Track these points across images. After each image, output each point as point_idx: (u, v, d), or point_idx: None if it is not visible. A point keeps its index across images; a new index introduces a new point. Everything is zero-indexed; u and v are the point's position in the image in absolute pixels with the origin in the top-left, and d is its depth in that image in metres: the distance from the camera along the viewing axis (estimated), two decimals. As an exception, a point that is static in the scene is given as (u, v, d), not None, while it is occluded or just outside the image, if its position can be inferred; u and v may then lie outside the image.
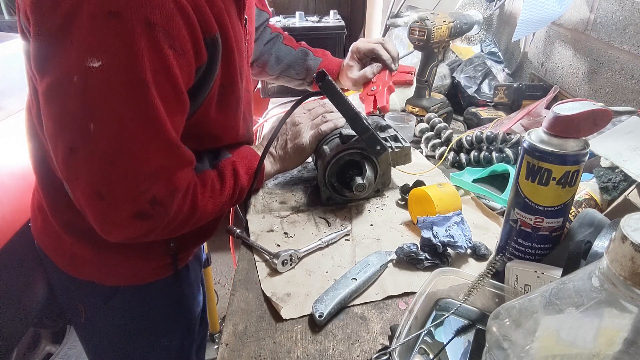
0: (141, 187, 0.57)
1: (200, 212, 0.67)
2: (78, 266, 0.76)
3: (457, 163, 1.01)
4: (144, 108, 0.53)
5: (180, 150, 0.61)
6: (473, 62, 1.38)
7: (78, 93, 0.52)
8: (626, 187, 0.70)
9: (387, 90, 0.99)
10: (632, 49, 0.94)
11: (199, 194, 0.66)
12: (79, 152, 0.54)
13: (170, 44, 0.53)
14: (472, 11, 1.30)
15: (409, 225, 0.81)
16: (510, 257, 0.63)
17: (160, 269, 0.80)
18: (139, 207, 0.57)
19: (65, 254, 0.76)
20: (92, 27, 0.49)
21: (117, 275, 0.78)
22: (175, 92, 0.56)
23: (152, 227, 0.60)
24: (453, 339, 0.58)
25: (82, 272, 0.77)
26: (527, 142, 0.56)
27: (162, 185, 0.59)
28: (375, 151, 0.81)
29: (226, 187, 0.71)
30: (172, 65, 0.54)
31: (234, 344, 0.58)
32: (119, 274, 0.78)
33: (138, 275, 0.79)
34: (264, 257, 0.73)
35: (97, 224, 0.58)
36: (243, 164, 0.76)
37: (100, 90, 0.52)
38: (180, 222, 0.65)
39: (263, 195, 0.91)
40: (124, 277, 0.78)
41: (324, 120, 0.86)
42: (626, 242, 0.29)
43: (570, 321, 0.32)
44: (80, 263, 0.76)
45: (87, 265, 0.76)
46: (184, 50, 0.55)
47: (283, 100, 1.43)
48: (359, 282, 0.64)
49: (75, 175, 0.56)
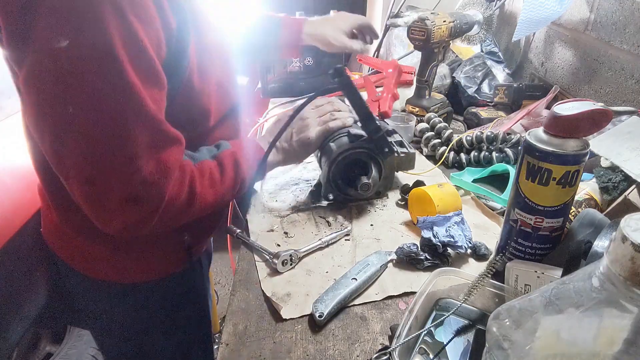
0: (130, 167, 0.56)
1: (200, 201, 0.66)
2: (93, 266, 0.76)
3: (457, 163, 1.01)
4: (119, 83, 0.52)
5: (164, 126, 0.59)
6: (473, 62, 1.38)
7: (51, 77, 0.51)
8: (626, 187, 0.70)
9: (392, 97, 1.01)
10: (632, 49, 0.94)
11: (197, 182, 0.65)
12: (63, 140, 0.53)
13: (135, 13, 0.52)
14: (472, 11, 1.30)
15: (409, 225, 0.81)
16: (510, 257, 0.63)
17: (175, 263, 0.80)
18: (131, 190, 0.56)
19: (79, 255, 0.76)
20: (53, 6, 0.48)
21: (134, 271, 0.77)
22: (149, 64, 0.55)
23: (148, 211, 0.59)
24: (453, 339, 0.58)
25: (98, 271, 0.77)
26: (527, 142, 0.56)
27: (152, 165, 0.57)
28: (383, 153, 0.81)
29: (226, 177, 0.70)
30: (141, 35, 0.53)
31: (234, 344, 0.58)
32: (135, 270, 0.77)
33: (154, 270, 0.79)
34: (264, 257, 0.73)
35: (92, 213, 0.58)
36: (244, 155, 0.75)
37: (72, 70, 0.50)
38: (179, 210, 0.64)
39: (263, 195, 0.91)
40: (140, 273, 0.78)
41: (332, 118, 0.86)
42: (626, 242, 0.29)
43: (571, 321, 0.32)
44: (95, 263, 0.76)
45: (103, 264, 0.76)
46: (150, 19, 0.54)
47: (283, 100, 1.43)
48: (359, 282, 0.64)
49: (65, 166, 0.55)
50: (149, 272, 0.78)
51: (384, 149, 0.80)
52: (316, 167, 1.01)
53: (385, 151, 0.81)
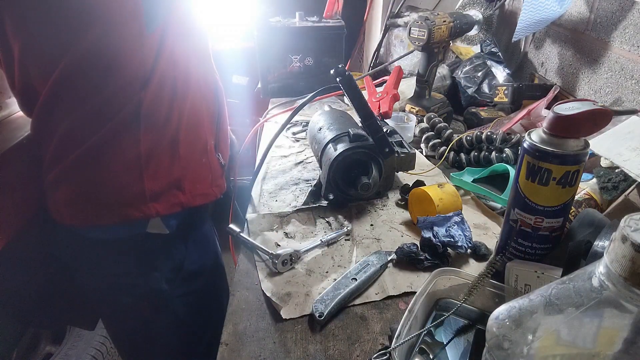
0: None
1: None
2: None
3: (457, 163, 1.01)
4: None
5: None
6: (473, 62, 1.38)
7: None
8: (626, 187, 0.70)
9: (392, 98, 1.01)
10: (632, 49, 0.94)
11: None
12: None
13: None
14: (472, 11, 1.30)
15: (409, 225, 0.81)
16: (510, 257, 0.62)
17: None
18: None
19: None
20: None
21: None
22: None
23: None
24: (453, 339, 0.58)
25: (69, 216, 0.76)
26: (527, 142, 0.56)
27: None
28: (383, 152, 0.81)
29: None
30: None
31: (234, 344, 0.58)
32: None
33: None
34: (264, 257, 0.73)
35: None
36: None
37: None
38: None
39: (263, 195, 0.91)
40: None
41: None
42: (626, 243, 0.29)
43: (570, 321, 0.32)
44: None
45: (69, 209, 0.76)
46: None
47: (283, 100, 1.43)
48: (359, 282, 0.64)
49: None
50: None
51: (384, 148, 0.80)
52: (316, 167, 1.01)
53: (386, 151, 0.81)
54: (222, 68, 0.90)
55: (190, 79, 0.76)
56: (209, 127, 0.84)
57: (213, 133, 0.85)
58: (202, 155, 0.82)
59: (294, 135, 1.20)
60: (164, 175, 0.75)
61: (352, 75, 0.80)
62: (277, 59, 1.46)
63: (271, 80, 1.49)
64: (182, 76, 0.74)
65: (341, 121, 0.93)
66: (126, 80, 0.68)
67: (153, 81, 0.70)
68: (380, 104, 1.04)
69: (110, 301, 0.86)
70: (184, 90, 0.74)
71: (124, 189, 0.73)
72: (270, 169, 1.03)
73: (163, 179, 0.75)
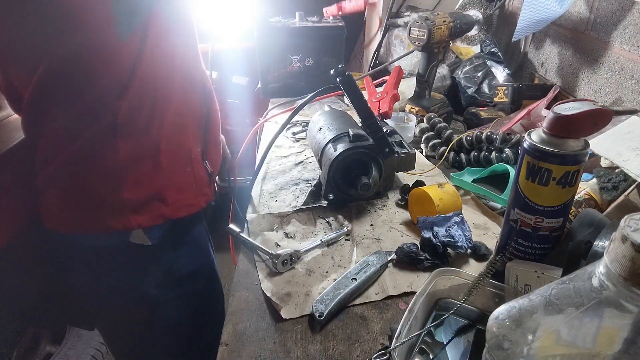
0: None
1: None
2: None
3: (457, 163, 1.01)
4: None
5: None
6: (473, 62, 1.38)
7: None
8: (626, 187, 0.70)
9: (392, 98, 1.01)
10: (632, 49, 0.94)
11: None
12: None
13: None
14: (472, 11, 1.30)
15: (409, 225, 0.81)
16: (510, 257, 0.62)
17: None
18: None
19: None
20: None
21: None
22: None
23: None
24: (453, 339, 0.58)
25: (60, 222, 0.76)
26: (527, 142, 0.56)
27: None
28: (383, 153, 0.81)
29: None
30: None
31: (234, 344, 0.58)
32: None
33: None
34: (264, 257, 0.73)
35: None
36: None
37: None
38: None
39: (263, 195, 0.91)
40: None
41: None
42: (626, 243, 0.29)
43: (570, 321, 0.32)
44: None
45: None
46: None
47: (283, 100, 1.43)
48: (359, 282, 0.64)
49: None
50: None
51: (384, 148, 0.80)
52: (316, 167, 1.01)
53: (386, 151, 0.81)
54: (222, 68, 0.90)
55: (174, 85, 0.73)
56: (194, 134, 0.80)
57: (199, 139, 0.82)
58: (187, 165, 0.79)
59: (294, 136, 1.20)
60: (144, 186, 0.73)
61: (352, 75, 0.80)
62: (277, 59, 1.46)
63: (271, 80, 1.49)
64: (164, 82, 0.71)
65: (341, 121, 0.93)
66: (103, 88, 0.67)
67: (131, 89, 0.67)
68: (380, 104, 1.04)
69: (105, 304, 0.86)
70: (165, 96, 0.72)
71: (104, 199, 0.71)
72: (270, 169, 1.03)
73: (144, 189, 0.73)
